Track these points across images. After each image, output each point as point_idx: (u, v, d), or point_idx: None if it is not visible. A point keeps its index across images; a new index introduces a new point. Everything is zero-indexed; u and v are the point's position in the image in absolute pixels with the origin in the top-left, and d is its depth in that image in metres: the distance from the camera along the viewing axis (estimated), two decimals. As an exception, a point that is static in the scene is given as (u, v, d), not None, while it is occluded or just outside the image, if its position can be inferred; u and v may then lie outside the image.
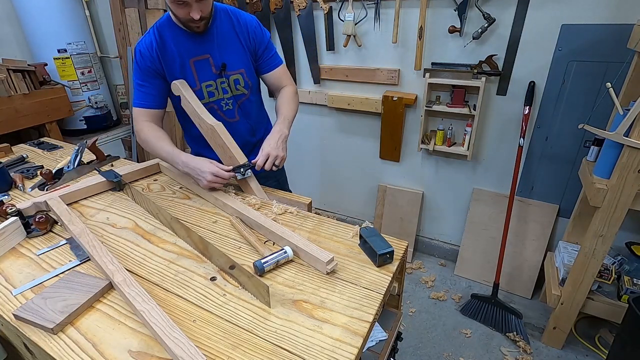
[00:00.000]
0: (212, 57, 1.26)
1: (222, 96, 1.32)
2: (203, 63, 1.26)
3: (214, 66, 1.27)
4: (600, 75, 1.65)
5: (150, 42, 1.22)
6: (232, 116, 1.36)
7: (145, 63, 1.23)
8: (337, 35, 2.16)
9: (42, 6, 2.65)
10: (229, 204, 1.12)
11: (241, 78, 1.32)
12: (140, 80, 1.25)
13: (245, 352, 0.68)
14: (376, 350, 0.98)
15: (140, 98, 1.28)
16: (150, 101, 1.28)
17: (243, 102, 1.37)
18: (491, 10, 1.72)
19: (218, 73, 1.28)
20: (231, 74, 1.30)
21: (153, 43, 1.21)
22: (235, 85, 1.32)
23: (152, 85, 1.26)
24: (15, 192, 1.34)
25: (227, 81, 1.30)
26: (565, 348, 1.82)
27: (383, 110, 2.17)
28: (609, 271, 1.65)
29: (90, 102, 3.01)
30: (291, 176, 2.95)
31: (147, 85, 1.26)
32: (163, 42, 1.22)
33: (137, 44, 1.24)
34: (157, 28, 1.23)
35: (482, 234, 2.20)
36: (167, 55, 1.23)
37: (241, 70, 1.32)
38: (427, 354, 1.82)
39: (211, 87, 1.29)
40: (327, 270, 0.86)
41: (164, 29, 1.23)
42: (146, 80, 1.25)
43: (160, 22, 1.24)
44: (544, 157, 1.94)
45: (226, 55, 1.27)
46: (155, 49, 1.21)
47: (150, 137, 1.26)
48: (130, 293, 0.78)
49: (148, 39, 1.22)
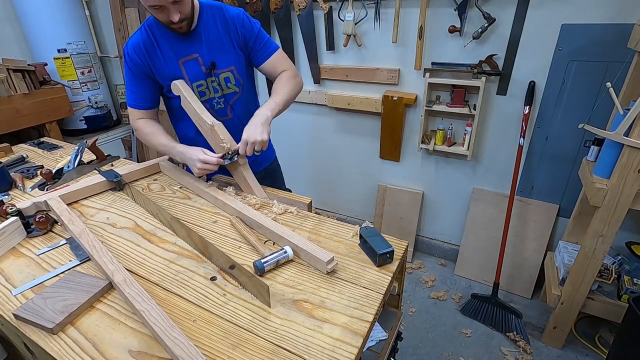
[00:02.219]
0: (201, 56, 1.24)
1: (213, 95, 1.31)
2: (192, 63, 1.24)
3: (203, 65, 1.25)
4: (601, 75, 1.65)
5: (137, 42, 1.21)
6: (224, 114, 1.35)
7: (133, 64, 1.22)
8: (337, 35, 2.16)
9: (42, 6, 2.65)
10: (229, 204, 1.12)
11: (232, 76, 1.30)
12: (130, 80, 1.26)
13: (245, 351, 0.68)
14: (376, 350, 0.98)
15: (132, 99, 1.30)
16: (141, 101, 1.31)
17: (235, 101, 1.35)
18: (491, 10, 1.72)
19: (208, 72, 1.26)
20: (221, 72, 1.28)
21: (140, 44, 1.21)
22: (226, 84, 1.31)
23: (142, 85, 1.27)
24: (16, 192, 1.34)
25: (217, 80, 1.28)
26: (565, 348, 1.82)
27: (383, 110, 2.17)
28: (609, 271, 1.65)
29: (90, 102, 3.01)
30: (291, 176, 2.95)
31: (137, 85, 1.27)
32: (151, 42, 1.21)
33: (125, 44, 1.23)
34: (146, 28, 1.22)
35: (482, 233, 2.20)
36: (156, 55, 1.22)
37: (231, 68, 1.29)
38: (427, 353, 1.83)
39: (202, 86, 1.28)
40: (327, 269, 0.86)
41: (152, 28, 1.22)
42: (136, 81, 1.26)
43: (149, 21, 1.23)
44: (544, 157, 1.94)
45: (215, 53, 1.25)
46: (143, 50, 1.21)
47: (147, 134, 1.31)
48: (130, 293, 0.78)
49: (135, 39, 1.21)
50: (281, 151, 1.74)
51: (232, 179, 1.30)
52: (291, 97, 1.29)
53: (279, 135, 2.67)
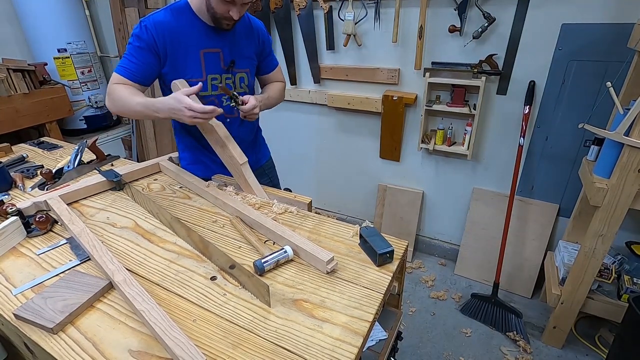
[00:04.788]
0: (223, 53, 1.27)
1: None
2: (213, 56, 1.26)
3: (223, 61, 1.28)
4: (601, 75, 1.65)
5: (160, 21, 1.19)
6: (231, 112, 1.36)
7: (147, 37, 1.18)
8: (337, 34, 2.16)
9: (42, 6, 2.65)
10: (229, 204, 1.12)
11: (246, 77, 1.36)
12: (134, 51, 1.19)
13: (245, 351, 0.68)
14: (376, 349, 0.98)
15: (126, 66, 1.19)
16: (135, 72, 1.20)
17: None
18: (491, 10, 1.72)
19: (226, 69, 1.29)
20: (238, 71, 1.33)
21: (163, 22, 1.19)
22: (240, 83, 1.35)
23: (145, 59, 1.20)
24: (16, 191, 1.34)
25: (232, 77, 1.32)
26: (565, 347, 1.82)
27: (383, 110, 2.17)
28: (609, 270, 1.65)
29: (90, 102, 3.01)
30: (291, 175, 2.95)
31: (140, 57, 1.20)
32: (176, 26, 1.20)
33: (143, 18, 1.20)
34: (172, 10, 1.21)
35: (482, 233, 2.20)
36: (177, 39, 1.21)
37: (247, 70, 1.35)
38: (427, 353, 1.83)
39: (216, 80, 1.29)
40: (328, 269, 0.86)
41: (179, 13, 1.21)
42: (141, 53, 1.19)
43: (176, 5, 1.22)
44: (544, 157, 1.94)
45: (237, 53, 1.30)
46: (164, 29, 1.18)
47: (124, 94, 1.17)
48: (130, 293, 0.78)
49: (158, 17, 1.19)
50: (281, 151, 1.74)
51: (232, 179, 1.30)
52: (275, 104, 1.47)
53: (279, 134, 2.68)
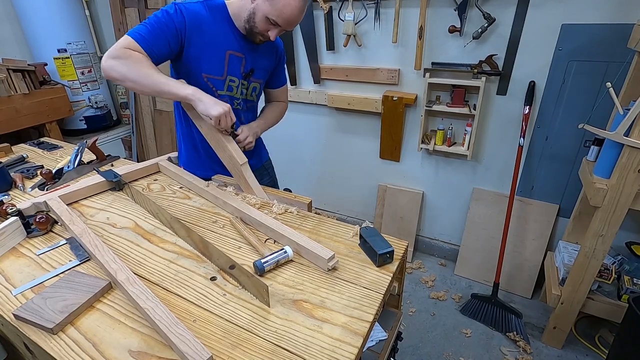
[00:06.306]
0: (246, 59, 1.29)
1: (237, 95, 1.35)
2: (236, 59, 1.28)
3: (243, 67, 1.30)
4: (600, 75, 1.65)
5: (193, 10, 1.17)
6: (238, 116, 1.37)
7: (177, 19, 1.14)
8: (337, 35, 2.16)
9: (42, 6, 2.65)
10: (229, 203, 1.12)
11: (258, 87, 1.40)
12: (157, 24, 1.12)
13: (245, 351, 0.68)
14: (376, 350, 0.98)
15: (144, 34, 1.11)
16: (153, 46, 1.12)
17: (249, 107, 1.43)
18: (491, 10, 1.72)
19: (244, 75, 1.32)
20: (254, 80, 1.36)
21: (196, 12, 1.17)
22: (252, 92, 1.39)
23: (165, 36, 1.14)
24: (15, 192, 1.34)
25: (247, 85, 1.35)
26: (565, 348, 1.82)
27: (383, 110, 2.17)
28: (609, 271, 1.65)
29: (90, 102, 3.02)
30: (291, 176, 2.96)
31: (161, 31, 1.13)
32: (208, 20, 1.20)
33: (177, 2, 1.17)
34: (209, 6, 1.20)
35: (482, 233, 2.20)
36: (206, 31, 1.20)
37: (260, 81, 1.39)
38: (427, 353, 1.83)
39: (233, 82, 1.31)
40: (329, 267, 0.86)
41: (215, 10, 1.21)
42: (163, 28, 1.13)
43: (213, 2, 1.21)
44: (544, 157, 1.94)
45: (257, 63, 1.33)
46: (196, 19, 1.17)
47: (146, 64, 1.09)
48: (134, 291, 0.78)
49: (192, 7, 1.17)
50: (281, 151, 1.74)
51: (232, 179, 1.30)
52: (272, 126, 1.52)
53: (279, 135, 2.67)
